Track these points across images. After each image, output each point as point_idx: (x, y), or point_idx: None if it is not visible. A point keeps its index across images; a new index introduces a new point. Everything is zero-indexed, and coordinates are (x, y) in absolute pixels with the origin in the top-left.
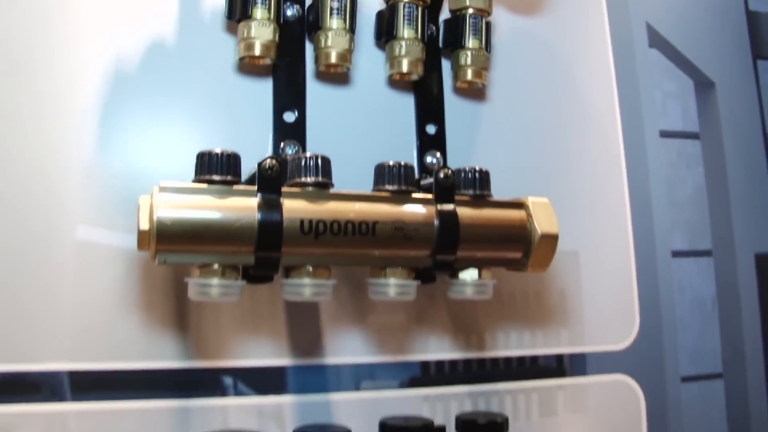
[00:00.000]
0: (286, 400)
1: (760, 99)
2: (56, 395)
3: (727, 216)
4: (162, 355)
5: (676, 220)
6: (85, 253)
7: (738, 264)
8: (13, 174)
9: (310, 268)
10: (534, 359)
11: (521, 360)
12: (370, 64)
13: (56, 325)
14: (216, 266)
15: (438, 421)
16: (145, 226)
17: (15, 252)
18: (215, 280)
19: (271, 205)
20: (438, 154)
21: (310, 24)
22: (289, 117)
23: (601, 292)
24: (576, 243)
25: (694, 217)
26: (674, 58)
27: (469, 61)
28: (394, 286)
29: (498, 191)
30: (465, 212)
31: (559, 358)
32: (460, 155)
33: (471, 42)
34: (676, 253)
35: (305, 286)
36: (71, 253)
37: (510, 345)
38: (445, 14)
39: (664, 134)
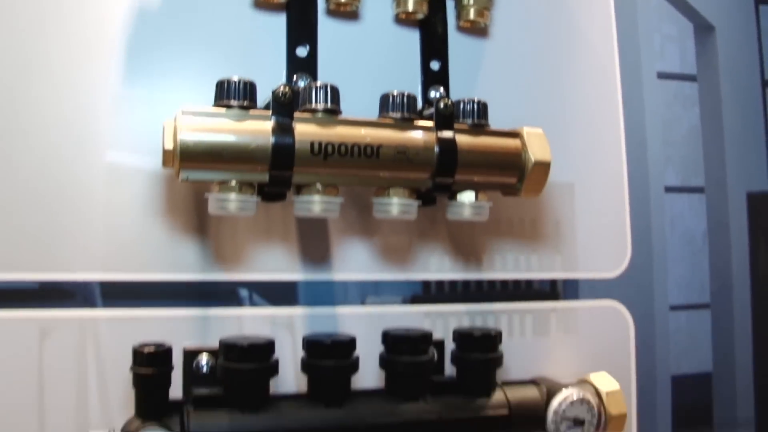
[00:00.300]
0: (297, 311)
1: (760, 44)
2: (88, 302)
3: (721, 155)
4: (184, 267)
5: (670, 157)
6: (114, 175)
7: (730, 201)
8: (46, 105)
9: (320, 187)
10: (529, 283)
11: (517, 283)
12: (378, 2)
13: (89, 239)
14: (233, 183)
15: (437, 335)
16: (169, 146)
17: (51, 175)
18: (233, 195)
19: (284, 128)
20: (441, 89)
21: None
22: (302, 51)
23: (594, 222)
24: (572, 175)
25: (688, 155)
26: (675, 1)
27: (471, 1)
28: (396, 204)
29: (497, 124)
30: (463, 139)
31: (553, 282)
32: (463, 91)
33: None
34: (669, 189)
35: (315, 203)
36: (101, 175)
37: (507, 268)
38: None
39: (662, 75)
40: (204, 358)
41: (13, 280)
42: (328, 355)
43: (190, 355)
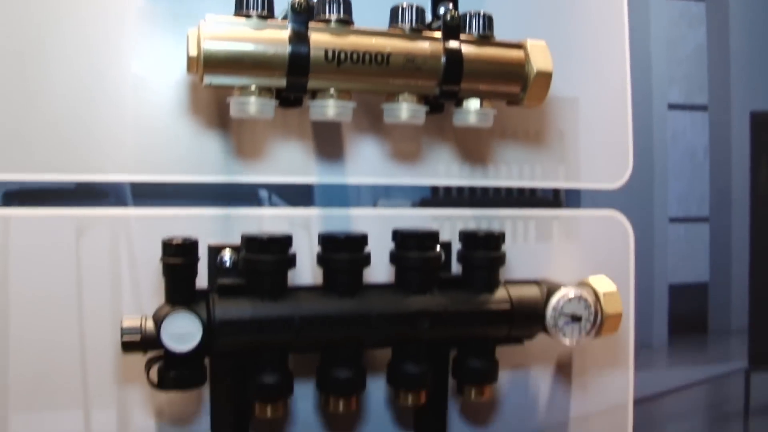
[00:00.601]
0: (313, 212)
1: None
2: (120, 201)
3: (726, 74)
4: (207, 169)
5: (675, 75)
6: (141, 83)
7: (733, 119)
8: (78, 23)
9: (333, 92)
10: (533, 191)
11: (521, 190)
12: None
13: (120, 143)
14: (253, 87)
15: (444, 238)
16: (193, 52)
17: (84, 86)
18: (252, 99)
19: (299, 36)
20: (450, 5)
21: None
22: None
23: (597, 135)
24: (576, 90)
25: (693, 74)
26: None
27: None
28: (405, 109)
29: (503, 38)
30: (469, 49)
31: (556, 191)
32: (470, 5)
33: None
34: (672, 106)
35: (329, 107)
36: (129, 83)
37: (512, 176)
38: None
39: None
40: (227, 254)
41: (52, 180)
42: (342, 249)
43: (214, 251)
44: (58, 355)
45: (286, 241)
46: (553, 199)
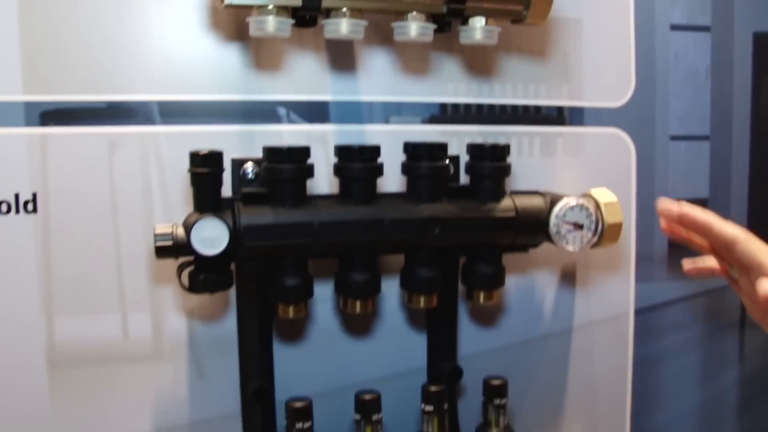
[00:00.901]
0: (328, 128)
1: None
2: (149, 120)
3: None
4: (229, 88)
5: None
6: (165, 5)
7: (735, 40)
8: None
9: (346, 11)
10: (537, 108)
11: (526, 108)
12: None
13: (147, 65)
14: (271, 6)
15: (452, 152)
16: None
17: (112, 9)
18: (270, 18)
19: None
20: None
21: None
22: None
23: (600, 55)
24: (580, 10)
25: None
26: None
27: None
28: (414, 27)
29: None
30: None
31: (560, 109)
32: None
33: None
34: (675, 27)
35: (342, 25)
36: (154, 6)
37: (517, 94)
38: None
39: None
40: (249, 166)
41: (85, 100)
42: (358, 159)
43: (237, 164)
44: (95, 264)
45: (305, 151)
46: (557, 116)
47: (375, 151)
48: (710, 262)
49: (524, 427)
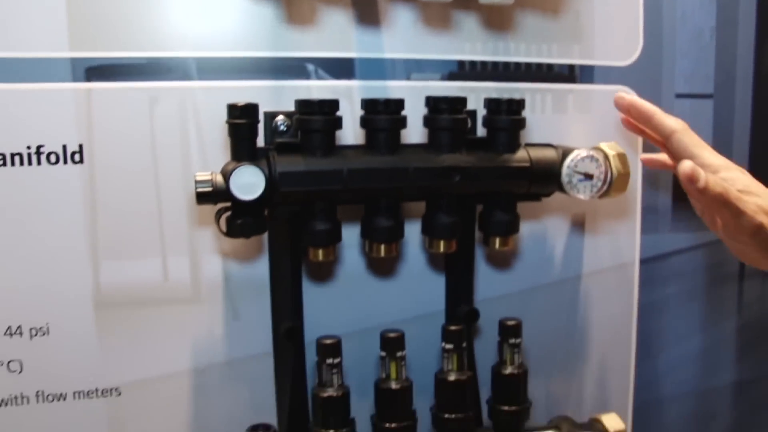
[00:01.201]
0: (354, 83)
1: None
2: (187, 76)
3: None
4: (262, 46)
5: None
6: None
7: (740, 1)
8: None
9: None
10: (550, 66)
11: (539, 66)
12: None
13: (186, 23)
14: None
15: (470, 107)
16: None
17: None
18: None
19: None
20: None
21: None
22: None
23: (610, 15)
24: None
25: None
26: None
27: None
28: None
29: None
30: None
31: (571, 67)
32: None
33: None
34: None
35: None
36: None
37: (530, 53)
38: None
39: None
40: (281, 119)
41: (126, 56)
42: (383, 111)
43: (270, 117)
44: (137, 211)
45: (335, 104)
46: (568, 74)
47: (399, 103)
48: (665, 156)
49: (536, 367)
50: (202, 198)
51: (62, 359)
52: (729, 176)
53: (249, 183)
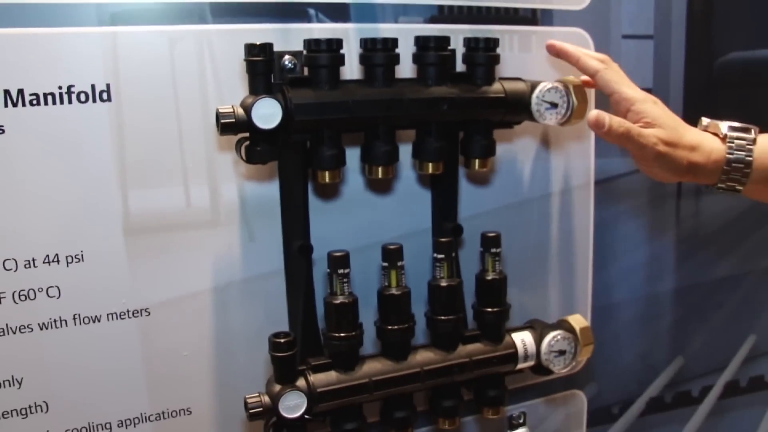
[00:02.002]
0: (350, 26)
1: None
2: (203, 19)
3: None
4: None
5: None
6: None
7: None
8: None
9: None
10: (516, 11)
11: (507, 10)
12: None
13: None
14: None
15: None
16: None
17: None
18: None
19: None
20: None
21: None
22: None
23: None
24: None
25: None
26: None
27: None
28: None
29: None
30: None
31: (534, 11)
32: None
33: None
34: None
35: None
36: None
37: None
38: None
39: None
40: (288, 58)
41: (147, 2)
42: (380, 49)
43: (278, 56)
44: (161, 144)
45: (339, 42)
46: (531, 17)
47: (394, 42)
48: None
49: (510, 277)
50: (225, 128)
51: (96, 284)
52: (641, 109)
53: (268, 113)
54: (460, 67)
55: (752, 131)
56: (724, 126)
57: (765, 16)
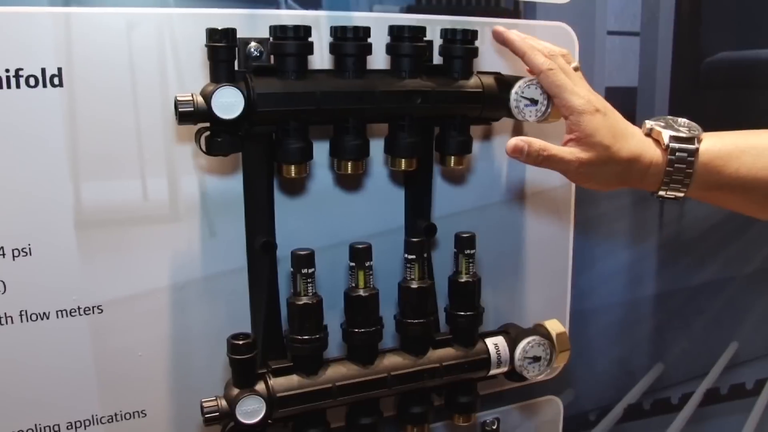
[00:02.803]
0: (321, 14)
1: None
2: (164, 2)
3: None
4: None
5: None
6: None
7: None
8: None
9: None
10: (497, 2)
11: (488, 1)
12: None
13: None
14: None
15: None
16: None
17: None
18: None
19: None
20: None
21: None
22: None
23: None
24: None
25: None
26: None
27: None
28: None
29: None
30: None
31: (516, 3)
32: None
33: None
34: None
35: None
36: None
37: None
38: None
39: None
40: (254, 45)
41: None
42: (351, 38)
43: (243, 43)
44: (117, 133)
45: (308, 29)
46: (513, 9)
47: (366, 31)
48: None
49: (484, 279)
50: (184, 117)
51: (45, 279)
52: (577, 120)
53: (229, 103)
54: (437, 59)
55: (695, 141)
56: (666, 135)
57: (754, 16)
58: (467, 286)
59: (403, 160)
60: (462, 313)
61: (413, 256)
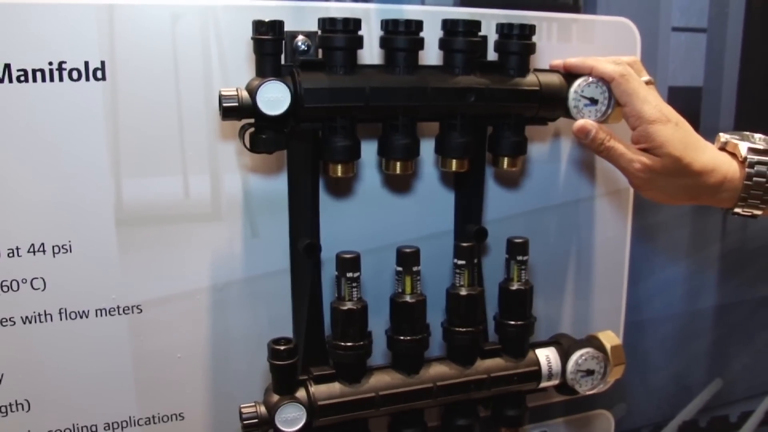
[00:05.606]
0: (371, 6)
1: None
2: None
3: None
4: None
5: None
6: None
7: None
8: None
9: None
10: None
11: None
12: None
13: None
14: None
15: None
16: None
17: None
18: None
19: None
20: None
21: None
22: None
23: None
24: None
25: None
26: None
27: None
28: None
29: None
30: None
31: None
32: None
33: None
34: None
35: None
36: None
37: None
38: None
39: None
40: (301, 39)
41: None
42: (403, 32)
43: (290, 36)
44: (159, 128)
45: (358, 22)
46: (573, 4)
47: (419, 24)
48: None
49: (541, 285)
50: (228, 113)
51: (84, 277)
52: (647, 131)
53: (275, 98)
54: (491, 55)
55: None
56: (743, 147)
57: None
58: (518, 294)
59: (454, 160)
60: (512, 323)
61: (463, 262)
